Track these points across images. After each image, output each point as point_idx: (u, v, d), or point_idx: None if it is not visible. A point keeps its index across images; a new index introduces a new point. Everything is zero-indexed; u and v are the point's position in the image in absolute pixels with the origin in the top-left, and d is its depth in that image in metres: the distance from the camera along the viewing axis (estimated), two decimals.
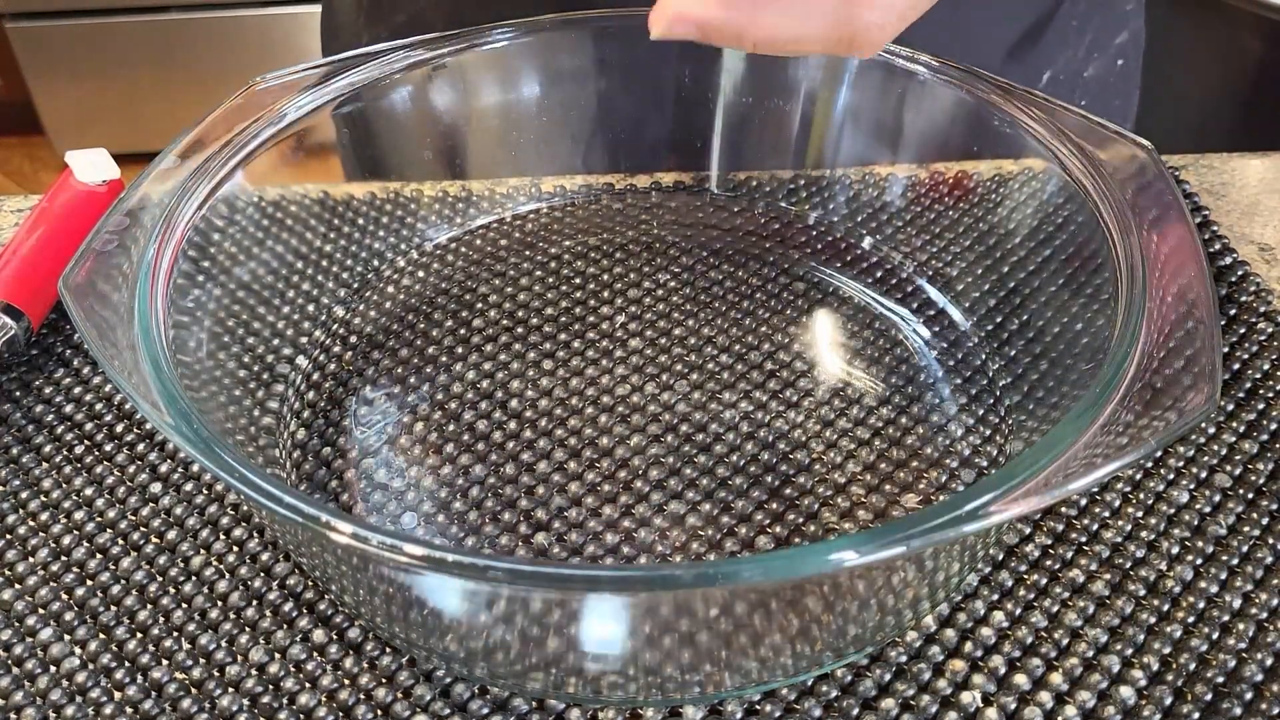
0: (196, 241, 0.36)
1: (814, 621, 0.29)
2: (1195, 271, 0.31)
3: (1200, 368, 0.28)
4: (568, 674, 0.30)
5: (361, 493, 0.36)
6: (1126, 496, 0.35)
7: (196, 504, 0.35)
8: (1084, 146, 0.37)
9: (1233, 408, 0.38)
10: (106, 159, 0.45)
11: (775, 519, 0.35)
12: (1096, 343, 0.34)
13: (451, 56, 0.43)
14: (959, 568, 0.31)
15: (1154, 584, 0.33)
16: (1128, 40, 0.56)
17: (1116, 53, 0.55)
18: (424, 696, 0.30)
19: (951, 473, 0.36)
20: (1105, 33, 0.54)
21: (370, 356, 0.41)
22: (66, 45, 1.69)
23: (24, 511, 0.35)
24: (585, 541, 0.34)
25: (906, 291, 0.43)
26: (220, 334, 0.38)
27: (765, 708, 0.30)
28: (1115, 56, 0.55)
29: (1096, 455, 0.26)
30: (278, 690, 0.30)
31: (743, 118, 0.47)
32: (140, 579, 0.33)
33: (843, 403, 0.38)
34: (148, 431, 0.37)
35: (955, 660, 0.31)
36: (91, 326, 0.29)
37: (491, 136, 0.48)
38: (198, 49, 1.69)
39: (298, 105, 0.39)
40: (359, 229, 0.45)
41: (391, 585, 0.29)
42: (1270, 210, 0.48)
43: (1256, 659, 0.31)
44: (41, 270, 0.41)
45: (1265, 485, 0.35)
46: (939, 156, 0.45)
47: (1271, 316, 0.42)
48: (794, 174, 0.48)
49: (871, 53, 0.30)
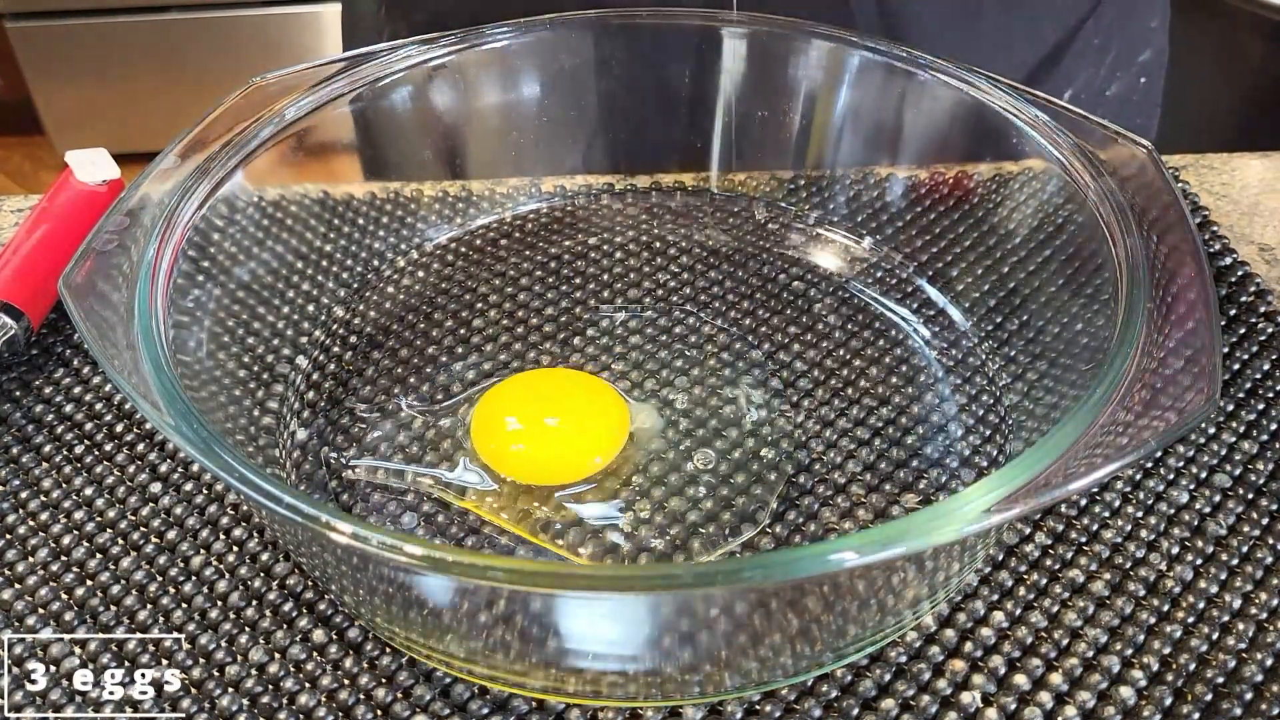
0: (196, 241, 0.36)
1: (814, 621, 0.29)
2: (1195, 272, 0.31)
3: (1200, 368, 0.28)
4: (568, 674, 0.30)
5: (361, 493, 0.36)
6: (1126, 496, 0.35)
7: (196, 504, 0.35)
8: (1084, 147, 0.37)
9: (1232, 408, 0.38)
10: (106, 159, 0.45)
11: (775, 519, 0.35)
12: (1096, 343, 0.34)
13: (451, 56, 0.43)
14: (959, 568, 0.31)
15: (1154, 584, 0.33)
16: (1151, 58, 0.55)
17: (1140, 71, 0.55)
18: (424, 696, 0.30)
19: (951, 473, 0.36)
20: (1128, 51, 0.54)
21: (370, 356, 0.41)
22: (66, 45, 1.68)
23: (24, 511, 0.35)
24: (585, 540, 0.34)
25: (906, 291, 0.43)
26: (220, 334, 0.38)
27: (765, 708, 0.30)
28: (1139, 75, 0.55)
29: (1096, 455, 0.26)
30: (278, 690, 0.30)
31: (743, 118, 0.47)
32: (140, 579, 0.33)
33: (843, 403, 0.38)
34: (148, 431, 0.37)
35: (955, 660, 0.31)
36: (91, 326, 0.29)
37: (492, 136, 0.48)
38: (198, 49, 1.69)
39: (298, 105, 0.39)
40: (359, 229, 0.45)
41: (391, 585, 0.29)
42: (1270, 211, 0.48)
43: (1256, 659, 0.31)
44: (41, 270, 0.41)
45: (1265, 485, 0.35)
46: (939, 157, 0.45)
47: (1271, 317, 0.42)
48: (794, 174, 0.48)
49: None
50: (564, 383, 0.39)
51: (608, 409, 0.37)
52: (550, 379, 0.39)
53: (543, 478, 0.35)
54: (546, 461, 0.36)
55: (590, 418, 0.37)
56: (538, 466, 0.35)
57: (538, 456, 0.36)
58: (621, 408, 0.37)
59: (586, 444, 0.36)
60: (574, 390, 0.38)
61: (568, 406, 0.38)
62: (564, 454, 0.36)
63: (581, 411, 0.37)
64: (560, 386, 0.39)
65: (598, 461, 0.35)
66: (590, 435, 0.36)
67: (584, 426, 0.37)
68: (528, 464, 0.35)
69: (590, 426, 0.37)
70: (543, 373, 0.40)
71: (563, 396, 0.38)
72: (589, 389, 0.38)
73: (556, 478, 0.35)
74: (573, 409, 0.37)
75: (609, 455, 0.36)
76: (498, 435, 0.36)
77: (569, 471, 0.35)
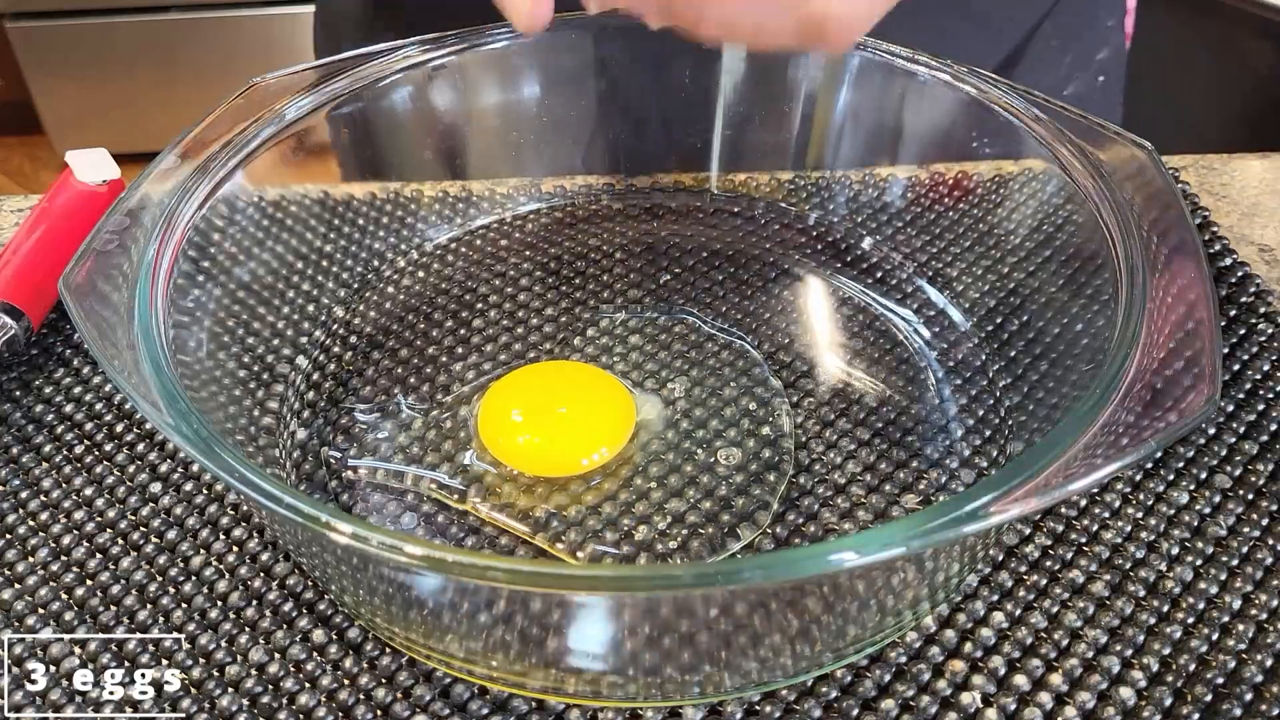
0: (196, 241, 0.36)
1: (814, 622, 0.29)
2: (1195, 272, 0.31)
3: (1200, 369, 0.28)
4: (568, 674, 0.30)
5: (361, 493, 0.36)
6: (1126, 497, 0.35)
7: (196, 504, 0.35)
8: (1084, 147, 0.37)
9: (1233, 409, 0.38)
10: (106, 159, 0.45)
11: (775, 519, 0.35)
12: (1096, 343, 0.34)
13: (451, 57, 0.43)
14: (959, 568, 0.31)
15: (1154, 585, 0.33)
16: (1109, 56, 0.56)
17: (1097, 69, 0.55)
18: (424, 696, 0.30)
19: (951, 473, 0.36)
20: (1086, 51, 0.54)
21: (370, 356, 0.41)
22: (66, 45, 1.68)
23: (24, 511, 0.35)
24: (585, 540, 0.34)
25: (906, 291, 0.43)
26: (220, 334, 0.38)
27: (765, 708, 0.30)
28: (1096, 73, 0.55)
29: (1096, 456, 0.26)
30: (277, 690, 0.30)
31: (743, 118, 0.47)
32: (140, 579, 0.33)
33: (843, 403, 0.38)
34: (148, 431, 0.37)
35: (955, 661, 0.31)
36: (91, 326, 0.29)
37: (491, 137, 0.48)
38: (198, 49, 1.69)
39: (298, 105, 0.39)
40: (359, 229, 0.45)
41: (391, 585, 0.29)
42: (1270, 211, 0.48)
43: (1256, 660, 0.31)
44: (41, 270, 0.41)
45: (1265, 486, 0.35)
46: (939, 157, 0.45)
47: (1272, 318, 0.42)
48: (794, 174, 0.48)
49: (845, 44, 0.28)
50: (568, 374, 0.39)
51: (613, 399, 0.37)
52: (556, 371, 0.40)
53: (551, 469, 0.36)
54: (555, 452, 0.36)
55: (597, 407, 0.37)
56: (546, 457, 0.36)
57: (546, 447, 0.36)
58: (626, 398, 0.38)
59: (594, 433, 0.36)
60: (579, 381, 0.39)
61: (574, 396, 0.38)
62: (572, 443, 0.36)
63: (588, 401, 0.38)
64: (565, 378, 0.39)
65: (604, 453, 0.36)
66: (597, 424, 0.37)
67: (591, 416, 0.37)
68: (537, 455, 0.36)
69: (597, 416, 0.37)
70: (548, 365, 0.40)
71: (569, 387, 0.38)
72: (593, 380, 0.39)
73: (564, 469, 0.36)
74: (579, 399, 0.38)
75: (615, 446, 0.36)
76: (505, 428, 0.36)
77: (576, 462, 0.36)
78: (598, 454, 0.36)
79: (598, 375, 0.39)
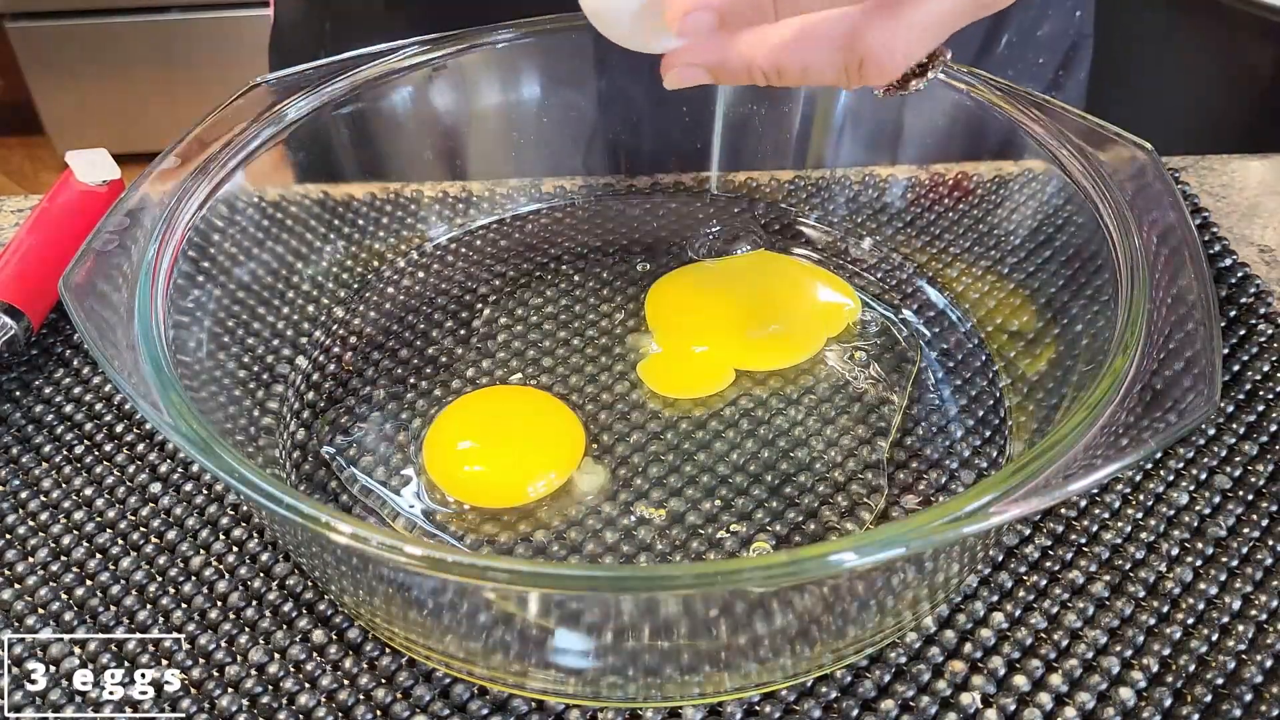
0: (196, 242, 0.36)
1: (813, 622, 0.29)
2: (1195, 273, 0.31)
3: (1200, 369, 0.28)
4: (568, 674, 0.30)
5: (362, 492, 0.36)
6: (1126, 498, 0.35)
7: (196, 504, 0.35)
8: (1084, 148, 0.37)
9: (1232, 409, 0.38)
10: (106, 159, 0.45)
11: (775, 518, 0.35)
12: (1096, 343, 0.34)
13: (452, 57, 0.43)
14: (958, 569, 0.31)
15: (1153, 585, 0.33)
16: None
17: (1073, 4, 0.55)
18: (424, 696, 0.30)
19: (952, 473, 0.36)
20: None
21: (370, 357, 0.41)
22: (66, 45, 1.68)
23: (24, 511, 0.35)
24: (584, 540, 0.34)
25: (906, 292, 0.43)
26: (220, 334, 0.38)
27: (765, 708, 0.30)
28: (1073, 9, 0.55)
29: (1096, 456, 0.26)
30: (277, 690, 0.30)
31: (743, 118, 0.47)
32: (140, 579, 0.33)
33: (843, 402, 0.38)
34: (148, 431, 0.37)
35: (955, 661, 0.31)
36: (91, 326, 0.29)
37: (492, 137, 0.48)
38: (198, 49, 1.69)
39: (298, 105, 0.39)
40: (359, 229, 0.45)
41: (391, 585, 0.29)
42: (1270, 212, 0.48)
43: (1256, 661, 0.31)
44: (41, 270, 0.41)
45: (1265, 487, 0.35)
46: (939, 158, 0.45)
47: (1271, 318, 0.42)
48: (794, 174, 0.48)
49: (889, 77, 0.29)
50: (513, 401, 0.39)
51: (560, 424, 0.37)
52: (495, 399, 0.39)
53: (498, 500, 0.35)
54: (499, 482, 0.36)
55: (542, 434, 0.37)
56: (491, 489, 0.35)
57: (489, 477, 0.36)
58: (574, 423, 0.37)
59: (540, 461, 0.36)
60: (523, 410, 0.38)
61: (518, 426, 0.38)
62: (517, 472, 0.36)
63: (532, 429, 0.37)
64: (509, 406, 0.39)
65: (553, 479, 0.35)
66: (543, 452, 0.36)
67: (536, 443, 0.37)
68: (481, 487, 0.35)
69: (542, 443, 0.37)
70: (488, 392, 0.39)
71: (512, 416, 0.38)
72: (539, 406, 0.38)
73: (511, 499, 0.35)
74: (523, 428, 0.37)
75: (564, 473, 0.35)
76: (449, 461, 0.36)
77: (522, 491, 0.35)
78: (543, 482, 0.35)
79: (544, 400, 0.38)
